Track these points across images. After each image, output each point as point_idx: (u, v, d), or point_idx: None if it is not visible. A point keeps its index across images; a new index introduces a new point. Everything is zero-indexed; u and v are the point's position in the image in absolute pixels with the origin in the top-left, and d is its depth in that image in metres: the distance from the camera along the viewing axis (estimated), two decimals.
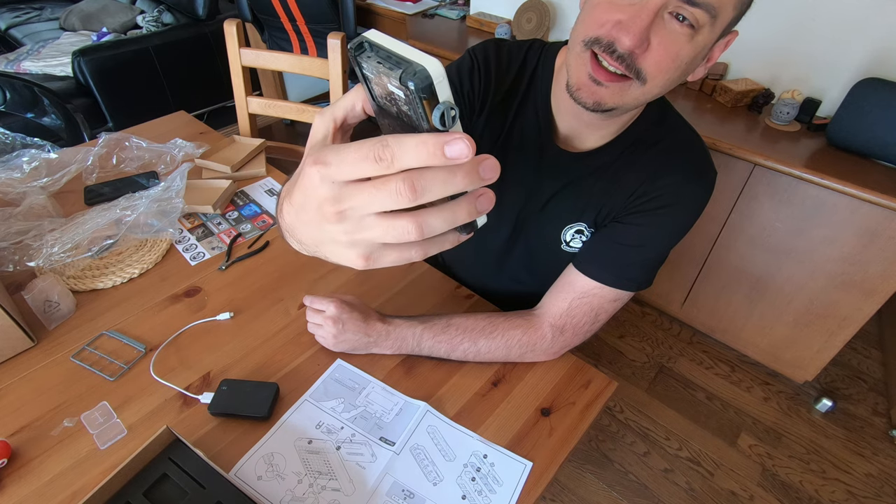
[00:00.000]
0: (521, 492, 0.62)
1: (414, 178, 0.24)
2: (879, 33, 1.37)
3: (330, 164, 0.26)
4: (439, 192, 0.25)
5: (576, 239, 0.75)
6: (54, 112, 1.80)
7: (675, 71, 0.54)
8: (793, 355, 1.62)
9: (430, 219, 0.26)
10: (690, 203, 0.69)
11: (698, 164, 0.69)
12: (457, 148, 0.23)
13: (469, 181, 0.25)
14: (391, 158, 0.24)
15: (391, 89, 0.25)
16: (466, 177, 0.25)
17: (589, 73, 0.55)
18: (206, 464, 0.59)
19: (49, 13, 2.59)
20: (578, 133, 0.68)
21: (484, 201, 0.27)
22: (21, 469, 0.61)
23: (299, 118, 1.36)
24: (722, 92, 1.58)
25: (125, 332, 0.76)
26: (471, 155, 0.24)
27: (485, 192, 0.27)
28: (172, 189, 0.96)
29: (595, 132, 0.68)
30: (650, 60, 0.52)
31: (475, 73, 0.70)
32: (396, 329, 0.73)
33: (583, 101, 0.57)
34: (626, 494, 1.42)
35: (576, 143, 0.69)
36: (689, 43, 0.52)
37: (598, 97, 0.56)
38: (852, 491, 1.45)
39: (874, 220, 1.27)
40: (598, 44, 0.53)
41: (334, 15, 2.06)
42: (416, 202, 0.25)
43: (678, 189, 0.67)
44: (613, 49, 0.52)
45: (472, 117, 0.72)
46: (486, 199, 0.27)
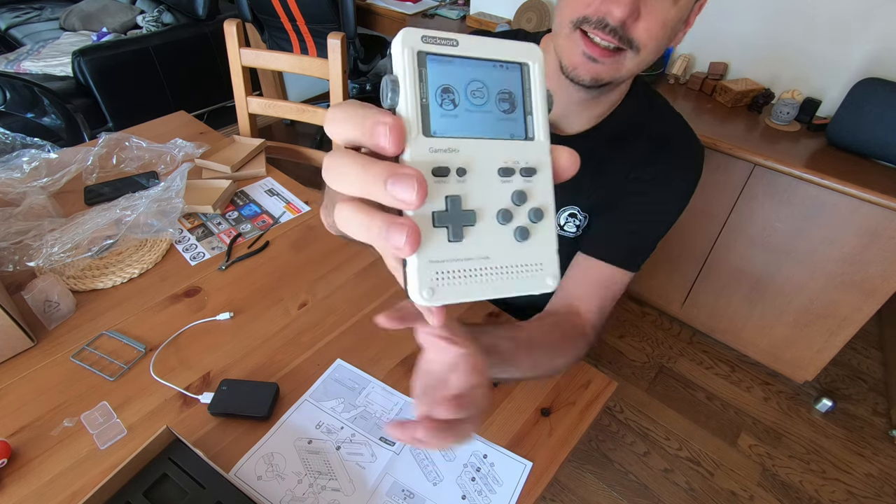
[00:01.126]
0: (521, 492, 0.62)
1: (332, 155, 0.23)
2: (879, 33, 1.37)
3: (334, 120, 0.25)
4: (344, 184, 0.22)
5: (569, 223, 0.76)
6: (54, 112, 1.80)
7: (664, 37, 0.56)
8: (793, 355, 1.62)
9: (344, 213, 0.23)
10: (688, 168, 0.72)
11: (688, 135, 0.72)
12: (377, 130, 0.21)
13: (374, 190, 0.21)
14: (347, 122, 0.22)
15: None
16: (371, 181, 0.21)
17: (583, 52, 0.56)
18: (206, 464, 0.59)
19: (49, 13, 2.59)
20: (566, 117, 0.69)
21: (393, 234, 0.20)
22: (21, 469, 0.61)
23: (299, 118, 1.36)
24: (722, 92, 1.58)
25: (125, 332, 0.76)
26: (385, 140, 0.20)
27: (399, 225, 0.20)
28: (172, 189, 0.96)
29: (584, 113, 0.69)
30: (641, 29, 0.54)
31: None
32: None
33: (581, 78, 0.58)
34: (626, 494, 1.42)
35: (564, 127, 0.71)
36: (674, 7, 0.54)
37: (596, 73, 0.57)
38: (852, 491, 1.45)
39: (874, 220, 1.27)
40: (587, 22, 0.54)
41: (334, 15, 2.06)
42: (332, 184, 0.22)
43: (675, 160, 0.70)
44: (605, 24, 0.53)
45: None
46: (395, 231, 0.20)
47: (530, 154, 0.24)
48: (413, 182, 0.20)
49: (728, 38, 1.64)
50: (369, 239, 0.22)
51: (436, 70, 0.22)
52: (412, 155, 0.21)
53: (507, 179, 0.23)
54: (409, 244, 0.20)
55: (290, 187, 1.09)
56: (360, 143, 0.22)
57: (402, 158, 0.21)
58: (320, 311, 0.82)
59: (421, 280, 0.21)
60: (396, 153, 0.21)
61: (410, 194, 0.20)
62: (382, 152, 0.21)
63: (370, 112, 0.21)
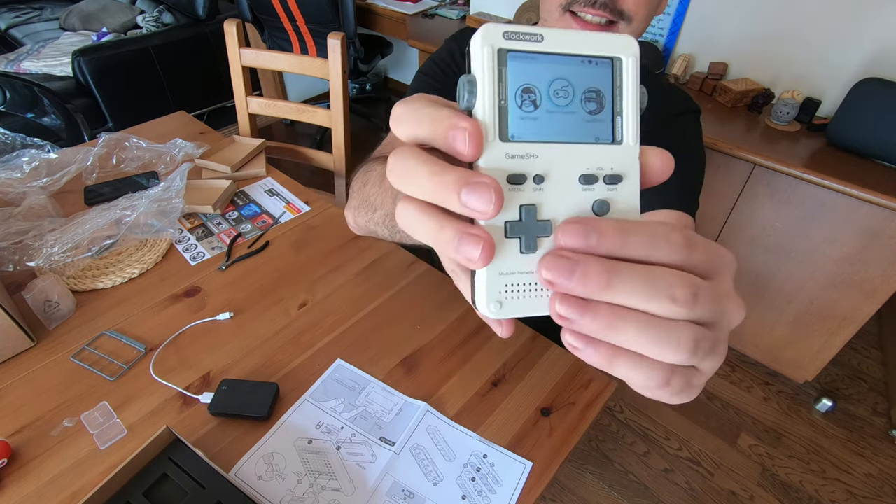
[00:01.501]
0: (521, 492, 0.62)
1: (402, 152, 0.21)
2: (879, 33, 1.37)
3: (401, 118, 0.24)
4: (413, 187, 0.21)
5: None
6: (54, 112, 1.81)
7: (651, 5, 0.58)
8: (793, 355, 1.62)
9: (409, 209, 0.21)
10: (691, 117, 0.74)
11: (683, 95, 0.76)
12: (454, 135, 0.20)
13: (445, 197, 0.19)
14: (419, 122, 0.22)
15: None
16: (443, 189, 0.19)
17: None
18: (206, 464, 0.59)
19: (49, 13, 2.59)
20: None
21: (465, 246, 0.19)
22: (21, 469, 0.61)
23: (299, 118, 1.36)
24: (722, 92, 1.58)
25: (125, 332, 0.76)
26: (463, 145, 0.19)
27: (472, 237, 0.19)
28: (172, 189, 0.96)
29: None
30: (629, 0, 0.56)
31: (458, 56, 0.75)
32: None
33: None
34: (626, 494, 1.42)
35: None
36: None
37: None
38: (852, 491, 1.45)
39: (874, 220, 1.27)
40: (576, 2, 0.56)
41: (334, 15, 2.06)
42: (397, 185, 0.21)
43: (678, 114, 0.72)
44: (594, 0, 0.55)
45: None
46: (467, 244, 0.19)
47: (616, 159, 0.22)
48: (490, 192, 0.19)
49: (728, 38, 1.64)
50: (436, 245, 0.20)
51: (517, 69, 0.20)
52: (487, 162, 0.20)
53: (590, 187, 0.21)
54: (483, 258, 0.19)
55: (290, 187, 1.09)
56: (430, 144, 0.21)
57: (477, 164, 0.20)
58: (320, 311, 0.82)
59: (489, 293, 0.20)
60: (475, 160, 0.20)
61: (487, 206, 0.19)
62: (460, 157, 0.20)
63: (444, 114, 0.20)
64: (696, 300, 0.19)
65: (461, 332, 0.80)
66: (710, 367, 0.21)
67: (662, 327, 0.19)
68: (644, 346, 0.19)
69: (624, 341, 0.19)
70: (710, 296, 0.20)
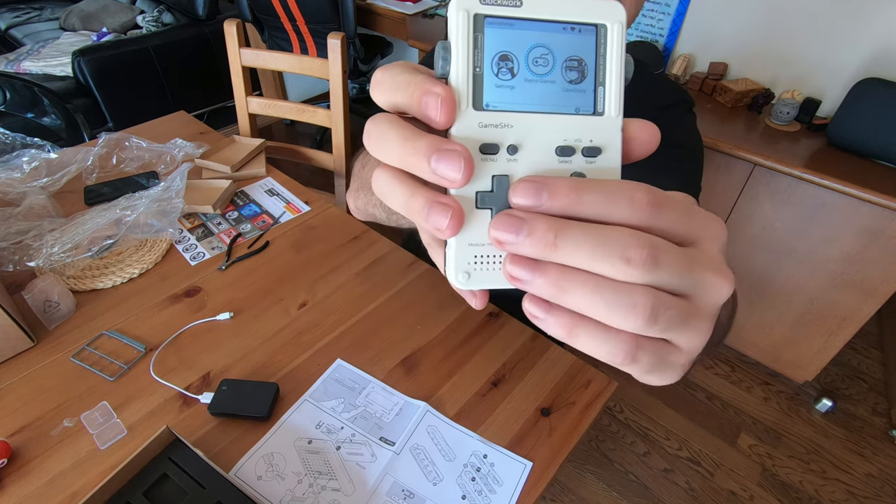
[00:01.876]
0: (521, 492, 0.62)
1: (377, 119, 0.21)
2: (879, 33, 1.37)
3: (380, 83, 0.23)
4: (386, 152, 0.20)
5: None
6: (54, 112, 1.80)
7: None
8: (793, 355, 1.62)
9: (383, 176, 0.21)
10: (685, 107, 0.74)
11: (676, 87, 0.76)
12: (427, 101, 0.19)
13: (416, 163, 0.19)
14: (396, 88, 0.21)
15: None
16: (413, 155, 0.19)
17: None
18: (206, 464, 0.59)
19: (49, 13, 2.59)
20: None
21: (434, 215, 0.19)
22: (21, 469, 0.61)
23: (299, 118, 1.36)
24: (722, 92, 1.58)
25: (125, 332, 0.76)
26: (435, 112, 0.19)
27: (441, 206, 0.19)
28: (172, 189, 0.96)
29: None
30: None
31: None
32: None
33: None
34: (626, 494, 1.42)
35: None
36: None
37: None
38: (852, 491, 1.45)
39: (874, 220, 1.27)
40: None
41: (334, 15, 2.06)
42: (371, 150, 0.21)
43: (672, 105, 0.72)
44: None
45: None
46: (436, 213, 0.19)
47: (597, 131, 0.21)
48: (459, 160, 0.18)
49: (728, 38, 1.64)
50: (407, 213, 0.20)
51: (494, 35, 0.20)
52: (459, 130, 0.20)
53: (566, 160, 0.21)
54: (452, 227, 0.19)
55: (290, 187, 1.09)
56: (406, 111, 0.21)
57: (450, 133, 0.20)
58: (320, 311, 0.82)
59: (458, 264, 0.20)
60: (446, 127, 0.20)
61: (456, 173, 0.18)
62: (431, 125, 0.20)
63: (419, 80, 0.20)
64: (657, 263, 0.18)
65: (461, 332, 0.80)
66: (688, 342, 0.20)
67: (615, 289, 0.18)
68: (596, 310, 0.18)
69: (575, 304, 0.18)
70: (676, 261, 0.18)
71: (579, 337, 0.19)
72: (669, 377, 0.21)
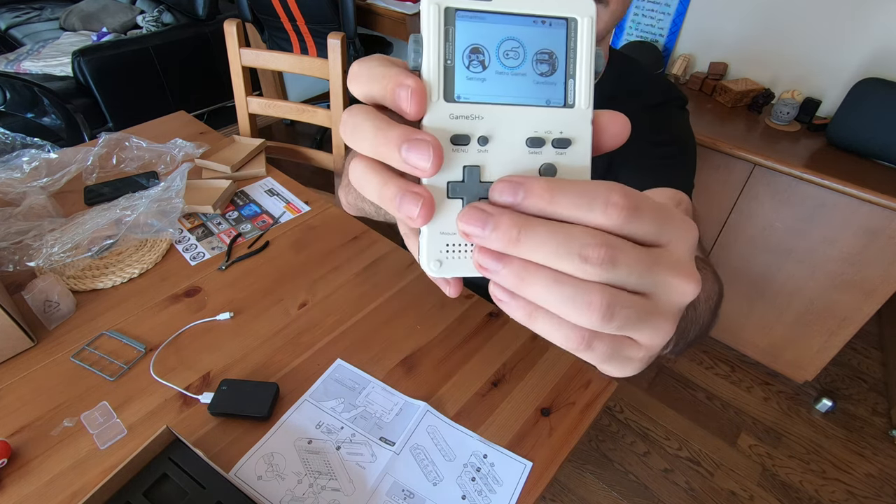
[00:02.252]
0: (521, 492, 0.62)
1: (352, 110, 0.22)
2: (879, 33, 1.37)
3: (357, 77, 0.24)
4: (359, 142, 0.21)
5: None
6: (54, 112, 1.81)
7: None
8: (793, 355, 1.62)
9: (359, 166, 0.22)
10: (677, 104, 0.74)
11: (669, 86, 0.75)
12: (398, 93, 0.20)
13: (387, 152, 0.20)
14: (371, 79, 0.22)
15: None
16: (385, 145, 0.20)
17: None
18: (206, 464, 0.59)
19: (49, 13, 2.59)
20: None
21: (405, 204, 0.20)
22: (21, 469, 0.61)
23: (299, 118, 1.36)
24: (722, 92, 1.58)
25: (125, 332, 0.76)
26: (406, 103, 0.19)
27: (413, 195, 0.20)
28: (172, 189, 0.96)
29: None
30: None
31: None
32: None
33: None
34: (626, 494, 1.42)
35: None
36: None
37: None
38: (852, 491, 1.45)
39: (874, 220, 1.27)
40: None
41: (334, 15, 2.06)
42: (346, 140, 0.22)
43: (664, 102, 0.72)
44: None
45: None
46: (407, 201, 0.20)
47: (567, 123, 0.21)
48: (429, 149, 0.19)
49: (728, 39, 1.64)
50: (381, 202, 0.21)
51: (465, 28, 0.20)
52: (431, 121, 0.20)
53: (536, 151, 0.21)
54: (422, 215, 0.20)
55: (290, 187, 1.09)
56: (381, 103, 0.21)
57: (422, 124, 0.20)
58: (320, 311, 0.82)
59: (430, 252, 0.21)
60: (418, 118, 0.20)
61: (425, 162, 0.19)
62: (404, 116, 0.20)
63: (393, 72, 0.20)
64: (614, 262, 0.18)
65: (461, 332, 0.80)
66: (649, 340, 0.21)
67: (571, 286, 0.18)
68: (553, 303, 0.19)
69: (535, 296, 0.19)
70: (636, 261, 0.19)
71: (538, 322, 0.20)
72: (628, 369, 0.22)
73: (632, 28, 1.82)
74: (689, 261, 0.21)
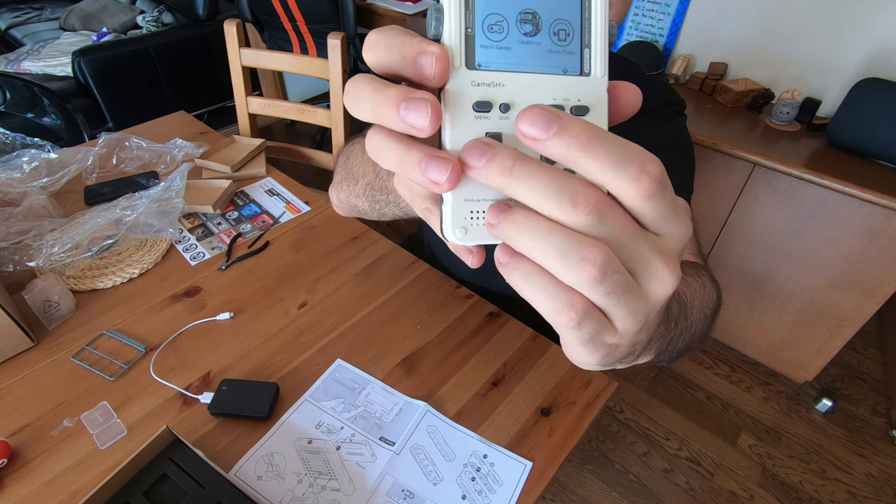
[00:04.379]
0: (521, 492, 0.62)
1: (357, 78, 0.22)
2: (879, 33, 1.37)
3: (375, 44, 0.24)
4: (358, 106, 0.21)
5: None
6: (54, 112, 1.80)
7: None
8: (793, 355, 1.62)
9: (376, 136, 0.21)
10: (675, 109, 0.73)
11: (668, 90, 0.75)
12: (421, 61, 0.20)
13: (384, 112, 0.20)
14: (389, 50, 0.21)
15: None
16: (381, 104, 0.20)
17: None
18: (206, 464, 0.59)
19: (49, 13, 2.59)
20: None
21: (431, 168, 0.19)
22: (21, 469, 0.61)
23: (299, 118, 1.36)
24: (722, 92, 1.58)
25: (125, 332, 0.76)
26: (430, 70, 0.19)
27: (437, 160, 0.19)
28: (172, 189, 0.96)
29: None
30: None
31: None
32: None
33: None
34: (626, 494, 1.42)
35: None
36: None
37: None
38: (852, 491, 1.45)
39: (874, 220, 1.27)
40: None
41: (334, 15, 2.06)
42: (348, 107, 0.22)
43: (661, 107, 0.72)
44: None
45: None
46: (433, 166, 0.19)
47: (584, 91, 0.22)
48: (427, 107, 0.19)
49: (728, 38, 1.64)
50: (402, 169, 0.20)
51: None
52: (454, 86, 0.20)
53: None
54: (450, 180, 0.19)
55: (290, 187, 1.09)
56: (399, 72, 0.21)
57: (445, 90, 0.20)
58: (320, 311, 0.82)
59: (455, 219, 0.21)
60: (441, 84, 0.20)
61: (423, 120, 0.19)
62: (426, 83, 0.20)
63: (414, 40, 0.20)
64: (603, 215, 0.18)
65: (461, 332, 0.80)
66: (624, 323, 0.21)
67: (567, 238, 0.18)
68: (549, 257, 0.18)
69: (531, 248, 0.19)
70: (624, 224, 0.19)
71: (533, 287, 0.19)
72: (597, 357, 0.22)
73: (632, 28, 1.82)
74: (676, 254, 0.21)
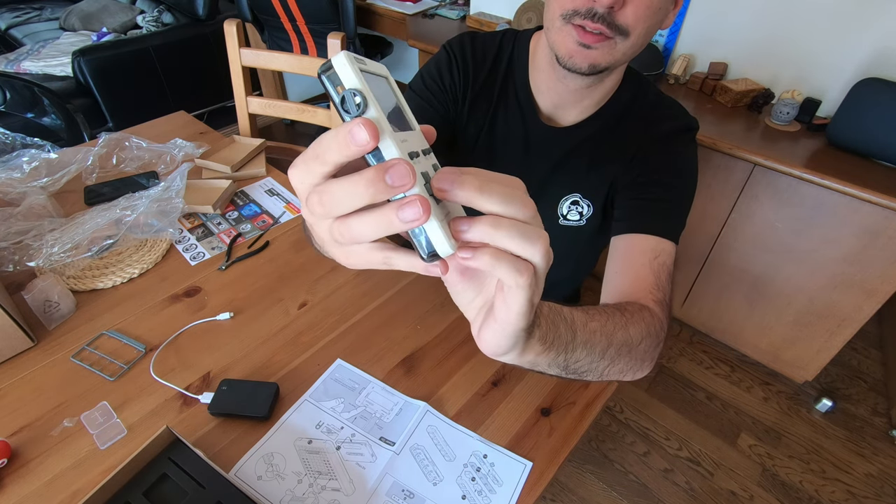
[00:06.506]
0: (521, 492, 0.62)
1: (321, 190, 0.25)
2: (879, 33, 1.37)
3: (295, 165, 0.27)
4: (346, 202, 0.24)
5: (572, 211, 0.78)
6: (54, 112, 1.80)
7: (652, 18, 0.58)
8: (793, 355, 1.62)
9: (353, 223, 0.25)
10: (686, 136, 0.74)
11: (680, 112, 0.75)
12: (355, 132, 0.23)
13: (375, 190, 0.23)
14: (320, 155, 0.25)
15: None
16: (370, 185, 0.23)
17: (577, 41, 0.59)
18: (206, 464, 0.59)
19: (49, 13, 2.59)
20: (562, 108, 0.72)
21: (407, 210, 0.23)
22: (21, 469, 0.61)
23: (299, 118, 1.36)
24: (722, 92, 1.58)
25: (125, 332, 0.76)
26: (365, 137, 0.23)
27: (410, 201, 0.24)
28: (172, 189, 0.96)
29: (579, 104, 0.71)
30: (628, 13, 0.56)
31: (453, 65, 0.76)
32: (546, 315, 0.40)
33: (578, 66, 0.60)
34: (626, 494, 1.42)
35: (559, 119, 0.74)
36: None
37: (592, 59, 0.60)
38: (852, 491, 1.45)
39: (874, 220, 1.27)
40: (577, 15, 0.57)
41: (334, 15, 2.06)
42: (329, 214, 0.25)
43: (673, 132, 0.72)
44: (594, 13, 0.56)
45: (456, 107, 0.77)
46: (409, 207, 0.23)
47: (419, 139, 0.29)
48: (406, 168, 0.23)
49: (728, 38, 1.64)
50: (385, 230, 0.24)
51: (370, 82, 0.26)
52: (393, 148, 0.24)
53: (424, 158, 0.28)
54: (426, 211, 0.24)
55: (290, 187, 1.09)
56: (337, 161, 0.24)
57: (390, 154, 0.24)
58: (320, 311, 0.82)
59: (445, 235, 0.26)
60: (374, 146, 0.24)
61: (410, 179, 0.23)
62: (363, 150, 0.23)
63: (335, 129, 0.24)
64: (536, 213, 0.27)
65: (461, 332, 0.80)
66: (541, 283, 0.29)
67: (527, 228, 0.26)
68: (516, 240, 0.26)
69: (503, 237, 0.26)
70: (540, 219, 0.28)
71: (502, 261, 0.26)
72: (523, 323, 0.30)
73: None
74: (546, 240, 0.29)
